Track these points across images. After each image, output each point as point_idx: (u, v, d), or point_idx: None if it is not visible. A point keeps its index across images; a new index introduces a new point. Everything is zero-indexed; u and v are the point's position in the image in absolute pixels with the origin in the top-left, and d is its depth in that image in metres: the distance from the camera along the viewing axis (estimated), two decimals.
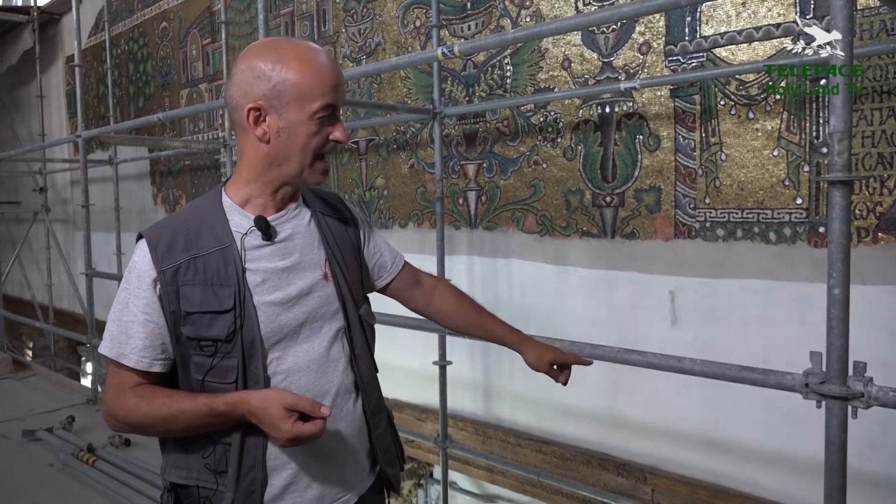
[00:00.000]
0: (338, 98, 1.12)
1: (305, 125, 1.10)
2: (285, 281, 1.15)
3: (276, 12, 4.60)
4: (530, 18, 3.21)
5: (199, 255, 1.11)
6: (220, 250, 1.12)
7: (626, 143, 2.91)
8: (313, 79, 1.09)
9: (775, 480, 2.58)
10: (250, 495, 1.12)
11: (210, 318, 1.09)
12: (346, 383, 1.21)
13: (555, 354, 1.43)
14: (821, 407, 1.41)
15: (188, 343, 1.11)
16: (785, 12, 2.45)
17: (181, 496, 1.16)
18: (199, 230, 1.13)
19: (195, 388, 1.12)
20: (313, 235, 1.22)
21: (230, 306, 1.09)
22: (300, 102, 1.09)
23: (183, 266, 1.10)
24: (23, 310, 7.26)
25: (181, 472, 1.15)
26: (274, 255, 1.15)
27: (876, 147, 2.29)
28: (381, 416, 1.29)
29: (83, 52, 5.18)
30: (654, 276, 2.86)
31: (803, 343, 1.59)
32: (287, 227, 1.18)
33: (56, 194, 7.78)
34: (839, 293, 1.34)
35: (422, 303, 1.46)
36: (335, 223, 1.27)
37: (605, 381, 3.00)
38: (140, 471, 3.08)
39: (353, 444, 1.22)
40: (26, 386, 4.80)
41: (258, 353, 1.11)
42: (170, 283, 1.09)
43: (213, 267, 1.11)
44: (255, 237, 1.14)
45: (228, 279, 1.10)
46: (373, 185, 4.04)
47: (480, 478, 3.64)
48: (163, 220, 1.20)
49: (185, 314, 1.09)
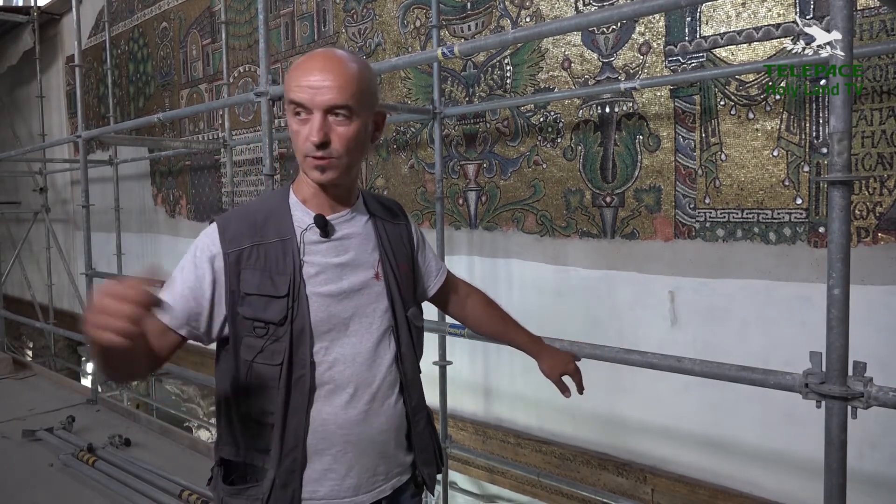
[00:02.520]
0: (307, 98, 1.13)
1: (290, 123, 1.18)
2: (338, 275, 1.22)
3: (276, 12, 4.60)
4: (530, 18, 3.21)
5: (261, 243, 1.19)
6: (281, 242, 1.19)
7: (626, 143, 2.91)
8: (289, 78, 1.16)
9: (775, 480, 2.58)
10: (291, 474, 1.18)
11: (266, 302, 1.16)
12: (390, 380, 1.26)
13: (566, 369, 1.54)
14: (821, 407, 1.41)
15: (243, 323, 1.17)
16: (785, 12, 2.45)
17: (230, 470, 1.23)
18: (265, 221, 1.21)
19: (243, 370, 1.18)
20: (369, 237, 1.28)
21: (285, 293, 1.16)
22: (286, 102, 1.18)
23: (246, 251, 1.18)
24: (23, 310, 7.25)
25: (231, 449, 1.22)
26: (330, 251, 1.22)
27: (876, 147, 2.29)
28: (421, 415, 1.33)
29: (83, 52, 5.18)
30: (653, 276, 2.86)
31: (803, 343, 1.59)
32: (345, 227, 1.25)
33: (56, 194, 7.79)
34: (839, 293, 1.34)
35: (457, 309, 1.57)
36: (391, 227, 1.34)
37: (605, 381, 3.00)
38: (140, 471, 3.07)
39: (391, 440, 1.27)
40: (26, 386, 4.80)
41: (307, 339, 1.17)
42: (233, 265, 1.17)
43: (273, 256, 1.18)
44: (314, 233, 1.21)
45: (286, 268, 1.18)
46: (373, 185, 4.04)
47: (480, 478, 3.64)
48: (235, 209, 1.27)
49: (243, 295, 1.16)
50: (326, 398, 1.19)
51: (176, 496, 2.84)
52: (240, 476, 1.22)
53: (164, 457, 3.34)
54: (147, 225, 6.29)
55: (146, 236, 6.29)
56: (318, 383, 1.18)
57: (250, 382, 1.18)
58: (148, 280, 0.92)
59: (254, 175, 5.07)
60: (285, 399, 1.17)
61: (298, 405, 1.17)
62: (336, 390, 1.20)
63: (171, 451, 3.47)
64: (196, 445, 3.58)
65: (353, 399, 1.21)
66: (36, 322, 6.11)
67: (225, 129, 4.97)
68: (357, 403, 1.21)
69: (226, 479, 1.23)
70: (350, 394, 1.20)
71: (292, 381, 1.17)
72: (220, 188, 5.35)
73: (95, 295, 0.88)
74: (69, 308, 7.38)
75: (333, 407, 1.19)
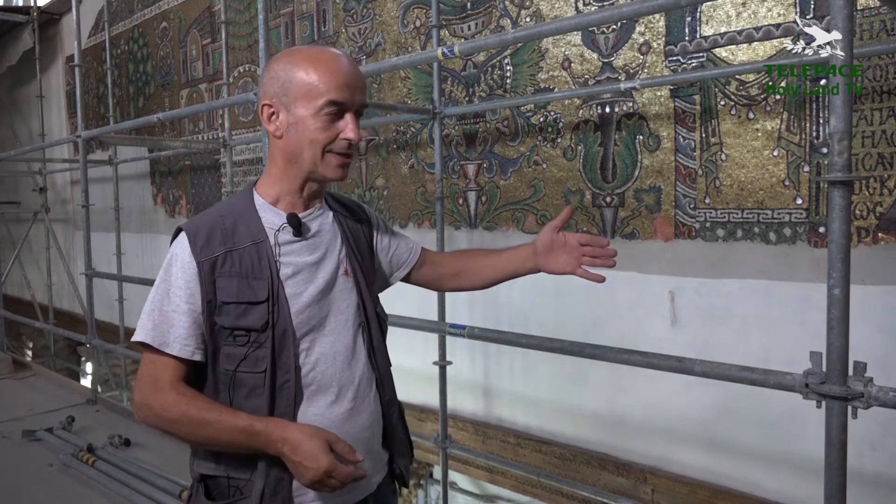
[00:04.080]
0: (347, 98, 1.16)
1: (312, 120, 1.16)
2: (314, 274, 1.22)
3: (276, 12, 4.60)
4: (530, 18, 3.21)
5: (234, 248, 1.17)
6: (255, 245, 1.18)
7: (626, 143, 2.91)
8: (319, 76, 1.14)
9: (775, 480, 2.58)
10: (280, 482, 1.16)
11: (245, 309, 1.15)
12: (367, 375, 1.27)
13: (553, 236, 1.40)
14: (821, 407, 1.41)
15: (221, 333, 1.15)
16: (785, 12, 2.45)
17: (210, 487, 1.20)
18: (234, 225, 1.19)
19: (224, 381, 1.16)
20: (336, 233, 1.29)
21: (264, 297, 1.15)
22: (307, 98, 1.15)
23: (220, 258, 1.16)
24: (23, 310, 7.25)
25: (209, 464, 1.19)
26: (304, 249, 1.22)
27: (876, 147, 2.29)
28: (394, 409, 1.34)
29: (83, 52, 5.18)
30: (654, 276, 2.86)
31: (803, 343, 1.59)
32: (314, 224, 1.25)
33: (56, 194, 7.78)
34: (839, 293, 1.34)
35: (447, 280, 1.52)
36: (353, 224, 1.34)
37: (605, 381, 3.00)
38: (140, 471, 3.07)
39: (372, 435, 1.28)
40: (26, 386, 4.80)
41: (290, 342, 1.17)
42: (207, 275, 1.15)
43: (247, 260, 1.17)
44: (287, 233, 1.21)
45: (262, 272, 1.16)
46: (373, 185, 4.04)
47: (480, 478, 3.64)
48: (199, 215, 1.25)
49: (220, 304, 1.15)
50: (311, 399, 1.19)
51: (176, 496, 2.84)
52: (222, 492, 1.18)
53: (163, 457, 3.34)
54: (147, 225, 6.29)
55: (146, 236, 6.28)
56: (302, 385, 1.18)
57: (233, 393, 1.16)
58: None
59: (253, 175, 5.06)
60: (270, 406, 1.15)
61: (284, 411, 1.16)
62: (320, 390, 1.19)
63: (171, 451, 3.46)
64: None
65: (339, 398, 1.21)
66: (36, 322, 6.10)
67: (225, 129, 4.97)
68: (342, 402, 1.21)
69: (208, 495, 1.19)
70: (335, 393, 1.20)
71: (276, 386, 1.15)
72: (219, 188, 5.35)
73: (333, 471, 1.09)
74: (69, 308, 7.38)
75: (319, 408, 1.19)
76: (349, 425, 1.21)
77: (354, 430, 1.22)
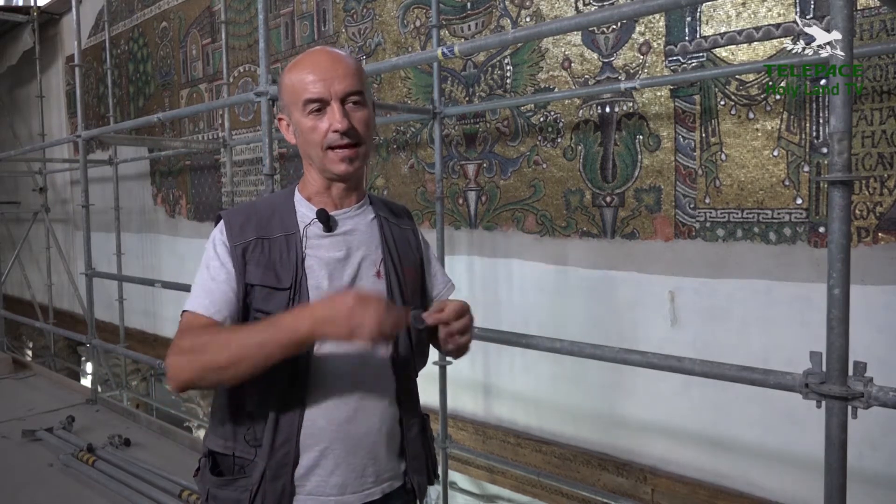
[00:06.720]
0: (322, 91, 1.18)
1: (304, 122, 1.20)
2: (340, 270, 1.23)
3: (276, 12, 4.60)
4: (530, 18, 3.21)
5: (266, 237, 1.22)
6: (285, 237, 1.23)
7: (626, 143, 2.91)
8: (297, 79, 1.20)
9: (775, 480, 2.58)
10: (282, 468, 1.18)
11: (268, 293, 1.19)
12: (384, 381, 1.25)
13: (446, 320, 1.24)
14: (821, 407, 1.41)
15: (251, 315, 1.20)
16: (785, 12, 2.45)
17: (218, 461, 1.24)
18: (270, 217, 1.25)
19: None
20: (373, 235, 1.29)
21: (287, 285, 1.19)
22: (294, 103, 1.21)
23: (252, 244, 1.21)
24: (23, 310, 7.25)
25: (220, 441, 1.24)
26: (332, 246, 1.24)
27: (876, 147, 2.29)
28: (414, 421, 1.31)
29: (83, 52, 5.18)
30: (653, 276, 2.86)
31: (803, 343, 1.59)
32: (349, 223, 1.27)
33: (56, 194, 7.79)
34: (839, 293, 1.34)
35: None
36: (398, 231, 1.35)
37: (605, 381, 3.01)
38: (140, 471, 3.07)
39: (382, 443, 1.25)
40: (26, 386, 4.80)
41: None
42: (239, 258, 1.20)
43: (276, 250, 1.22)
44: (317, 228, 1.24)
45: (289, 262, 1.21)
46: (373, 185, 4.04)
47: (480, 478, 3.64)
48: (241, 204, 1.34)
49: (249, 286, 1.20)
50: (318, 393, 1.19)
51: (176, 496, 2.84)
52: (227, 468, 1.22)
53: (163, 457, 3.34)
54: (147, 225, 6.29)
55: (146, 236, 6.29)
56: (312, 378, 1.18)
57: None
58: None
59: (254, 175, 5.06)
60: (282, 392, 1.17)
61: (294, 399, 1.18)
62: (328, 386, 1.19)
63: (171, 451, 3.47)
64: (196, 445, 3.57)
65: (344, 396, 1.20)
66: (36, 322, 6.10)
67: (225, 128, 4.98)
68: (348, 401, 1.20)
69: (213, 470, 1.23)
70: (341, 390, 1.20)
71: (289, 374, 1.16)
72: (220, 188, 5.35)
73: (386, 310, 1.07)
74: (69, 308, 7.39)
75: (324, 402, 1.19)
76: (351, 425, 1.20)
77: (357, 432, 1.21)
